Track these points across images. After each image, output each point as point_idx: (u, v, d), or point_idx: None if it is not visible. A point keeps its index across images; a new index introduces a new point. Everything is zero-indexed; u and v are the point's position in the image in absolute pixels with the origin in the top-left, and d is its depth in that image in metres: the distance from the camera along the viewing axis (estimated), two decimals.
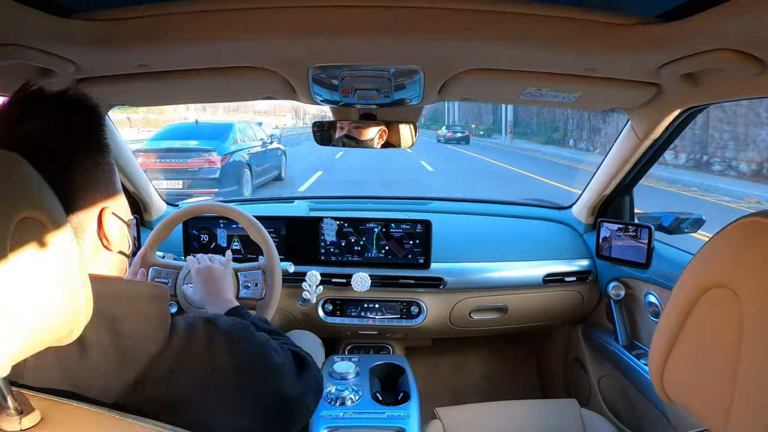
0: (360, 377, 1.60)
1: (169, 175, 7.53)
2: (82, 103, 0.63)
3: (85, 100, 0.64)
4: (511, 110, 26.35)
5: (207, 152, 7.64)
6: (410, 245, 1.79)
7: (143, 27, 0.93)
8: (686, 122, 1.43)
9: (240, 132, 8.66)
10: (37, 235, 0.49)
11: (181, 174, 7.57)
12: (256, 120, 18.73)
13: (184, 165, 7.61)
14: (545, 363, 2.36)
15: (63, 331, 0.53)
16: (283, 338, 0.91)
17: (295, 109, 26.22)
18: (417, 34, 0.94)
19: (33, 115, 0.59)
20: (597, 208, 1.90)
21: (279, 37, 0.96)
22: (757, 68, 0.89)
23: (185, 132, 8.55)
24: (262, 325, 0.95)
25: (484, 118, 35.68)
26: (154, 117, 25.79)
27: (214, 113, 20.78)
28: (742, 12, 0.75)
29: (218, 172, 7.59)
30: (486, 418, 1.48)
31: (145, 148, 8.07)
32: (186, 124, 8.79)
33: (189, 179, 7.53)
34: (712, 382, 0.49)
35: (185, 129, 8.71)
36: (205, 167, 7.60)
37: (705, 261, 0.51)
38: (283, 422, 0.74)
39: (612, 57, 1.01)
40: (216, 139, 8.04)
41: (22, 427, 0.51)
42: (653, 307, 1.62)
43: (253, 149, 8.88)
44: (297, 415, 0.77)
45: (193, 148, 7.76)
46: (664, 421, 1.46)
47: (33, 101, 0.60)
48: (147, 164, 7.22)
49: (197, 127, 8.73)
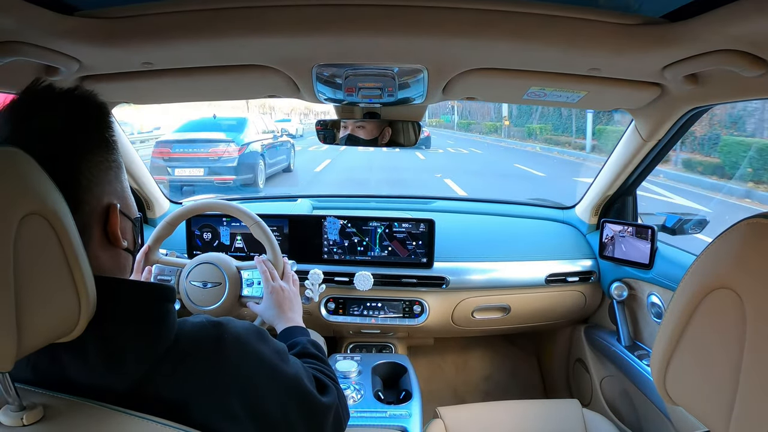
0: (362, 376, 1.61)
1: (191, 163, 8.35)
2: (90, 100, 0.63)
3: (94, 97, 0.64)
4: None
5: (226, 143, 8.41)
6: (413, 244, 1.79)
7: (147, 25, 0.93)
8: (690, 123, 1.43)
9: (253, 125, 9.50)
10: (42, 232, 0.50)
11: (202, 162, 8.37)
12: (284, 117, 19.65)
13: (205, 154, 8.38)
14: (547, 363, 2.35)
15: (67, 327, 0.53)
16: (319, 364, 0.91)
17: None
18: (421, 33, 0.94)
19: (42, 112, 0.59)
20: (600, 209, 1.90)
21: (283, 35, 0.96)
22: (761, 69, 0.89)
23: (205, 125, 9.24)
24: (310, 349, 0.96)
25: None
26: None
27: (240, 109, 22.31)
28: (747, 13, 0.75)
29: (236, 161, 8.38)
30: (488, 417, 1.48)
31: (168, 140, 8.84)
32: (205, 119, 9.63)
33: (209, 167, 8.36)
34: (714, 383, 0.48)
35: (205, 123, 9.46)
36: (224, 156, 8.37)
37: (708, 262, 0.51)
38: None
39: (616, 57, 1.01)
40: (233, 131, 8.80)
41: (25, 423, 0.52)
42: (656, 308, 1.62)
43: (265, 141, 9.69)
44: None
45: (213, 139, 8.53)
46: (666, 422, 1.46)
47: (43, 98, 0.60)
48: (171, 154, 8.32)
49: (215, 121, 9.48)
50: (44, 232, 0.50)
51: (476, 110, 31.51)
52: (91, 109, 0.63)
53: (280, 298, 1.21)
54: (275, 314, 1.18)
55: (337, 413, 0.82)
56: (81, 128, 0.61)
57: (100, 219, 0.64)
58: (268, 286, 1.24)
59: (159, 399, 0.59)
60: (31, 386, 0.57)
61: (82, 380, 0.58)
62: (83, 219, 0.60)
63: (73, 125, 0.60)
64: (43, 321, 0.50)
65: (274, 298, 1.21)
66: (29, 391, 0.56)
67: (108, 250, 0.65)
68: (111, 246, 0.65)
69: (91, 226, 0.62)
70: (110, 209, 0.64)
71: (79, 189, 0.59)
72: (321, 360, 0.94)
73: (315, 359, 0.93)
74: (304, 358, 0.91)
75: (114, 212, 0.65)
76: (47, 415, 0.54)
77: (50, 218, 0.50)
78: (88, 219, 0.62)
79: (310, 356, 0.94)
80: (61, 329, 0.53)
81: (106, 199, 0.64)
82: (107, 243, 0.65)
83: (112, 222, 0.64)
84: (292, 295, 1.24)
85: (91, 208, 0.62)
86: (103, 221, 0.64)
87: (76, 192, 0.58)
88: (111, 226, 0.64)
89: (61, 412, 0.54)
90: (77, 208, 0.57)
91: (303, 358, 0.91)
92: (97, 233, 0.64)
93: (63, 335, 0.53)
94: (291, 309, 1.19)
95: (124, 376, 0.58)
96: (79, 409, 0.55)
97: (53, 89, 0.60)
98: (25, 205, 0.48)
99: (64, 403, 0.56)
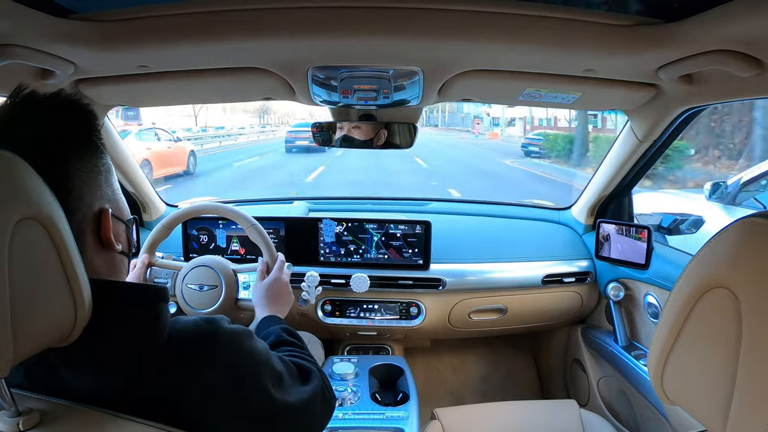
0: (359, 378, 1.60)
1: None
2: (75, 104, 0.63)
3: (78, 101, 0.63)
4: None
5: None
6: (409, 246, 1.79)
7: (142, 28, 0.93)
8: (685, 123, 1.43)
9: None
10: (37, 237, 0.49)
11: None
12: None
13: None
14: (544, 364, 2.35)
15: (63, 332, 0.53)
16: (297, 350, 0.91)
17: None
18: (416, 35, 0.94)
19: (26, 120, 0.58)
20: (596, 209, 1.90)
21: (278, 38, 0.96)
22: (756, 69, 0.89)
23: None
24: (284, 337, 0.96)
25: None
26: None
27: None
28: (741, 13, 0.75)
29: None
30: (485, 418, 1.48)
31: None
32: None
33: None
34: (711, 382, 0.49)
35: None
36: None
37: (704, 262, 0.51)
38: (283, 430, 0.73)
39: (611, 58, 1.01)
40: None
41: (21, 428, 0.51)
42: (652, 307, 1.62)
43: None
44: (299, 424, 0.75)
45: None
46: (663, 422, 1.46)
47: (25, 105, 0.59)
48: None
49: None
50: (39, 237, 0.50)
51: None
52: (75, 113, 0.62)
53: (267, 286, 1.22)
54: (258, 301, 1.19)
55: (324, 396, 0.83)
56: (68, 134, 0.61)
57: (93, 225, 0.63)
58: (260, 276, 1.26)
59: (153, 399, 0.59)
60: (25, 391, 0.57)
61: (76, 384, 0.58)
62: (77, 226, 0.59)
63: (60, 132, 0.60)
64: (39, 326, 0.50)
65: (261, 286, 1.22)
66: (25, 397, 0.56)
67: (102, 254, 0.65)
68: (105, 250, 0.65)
69: (85, 232, 0.62)
70: (102, 214, 0.64)
71: (69, 194, 0.59)
72: (296, 345, 0.94)
73: (291, 346, 0.93)
74: (280, 347, 0.91)
75: (106, 217, 0.64)
76: (43, 420, 0.53)
77: (45, 223, 0.50)
78: (82, 225, 0.61)
79: (286, 344, 0.94)
80: (57, 334, 0.52)
81: (97, 205, 0.64)
82: (101, 247, 0.65)
83: (104, 227, 0.64)
84: (280, 286, 1.24)
85: (83, 215, 0.62)
86: (96, 227, 0.64)
87: (66, 200, 0.57)
88: (104, 231, 0.64)
89: (57, 417, 0.54)
90: (70, 215, 0.56)
91: (279, 347, 0.91)
92: (91, 239, 0.63)
93: (59, 340, 0.53)
94: (274, 299, 1.19)
95: (117, 377, 0.58)
96: (75, 413, 0.55)
97: (36, 96, 0.60)
98: (19, 209, 0.48)
99: (60, 407, 0.55)
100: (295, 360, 0.84)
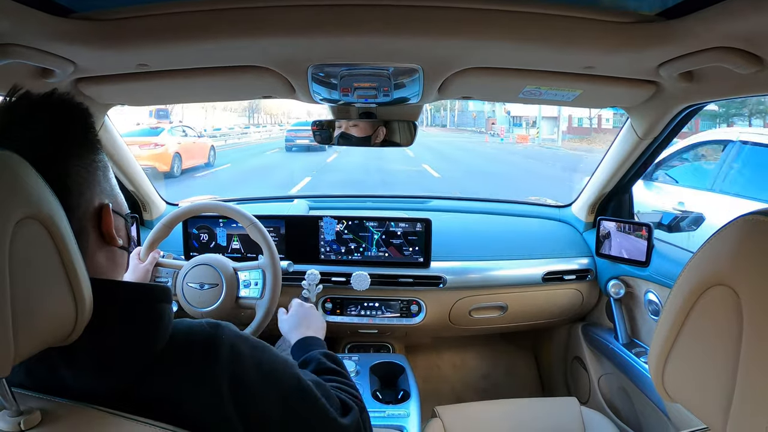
0: (360, 376, 1.61)
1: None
2: (68, 103, 0.62)
3: (71, 100, 0.63)
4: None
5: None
6: (410, 244, 1.79)
7: (142, 26, 0.93)
8: (686, 120, 1.43)
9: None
10: (37, 236, 0.49)
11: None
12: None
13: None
14: (545, 361, 2.36)
15: (64, 331, 0.53)
16: (338, 379, 0.88)
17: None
18: (416, 33, 0.94)
19: (21, 121, 0.58)
20: (597, 206, 1.90)
21: (278, 36, 0.96)
22: (756, 66, 0.89)
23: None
24: (326, 364, 0.93)
25: None
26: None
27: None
28: (742, 10, 0.75)
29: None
30: (486, 416, 1.49)
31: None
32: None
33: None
34: (711, 379, 0.48)
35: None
36: None
37: (705, 259, 0.51)
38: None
39: (611, 55, 1.01)
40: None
41: (23, 428, 0.51)
42: (653, 305, 1.62)
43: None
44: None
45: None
46: (663, 419, 1.47)
47: (20, 107, 0.59)
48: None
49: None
50: (40, 237, 0.50)
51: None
52: (72, 112, 0.63)
53: (294, 314, 1.22)
54: (290, 330, 1.19)
55: (358, 422, 0.79)
56: (65, 132, 0.61)
57: (94, 220, 0.64)
58: (284, 312, 1.26)
59: (154, 398, 0.59)
60: (26, 390, 0.57)
61: (77, 383, 0.58)
62: (78, 222, 0.60)
63: (58, 130, 0.60)
64: (40, 326, 0.50)
65: (287, 318, 1.22)
66: (26, 396, 0.56)
67: (104, 249, 0.65)
68: (107, 245, 0.66)
69: (87, 228, 0.62)
70: (103, 209, 0.64)
71: (68, 192, 0.59)
72: (339, 374, 0.92)
73: (333, 374, 0.91)
74: (323, 375, 0.88)
75: (107, 212, 0.64)
76: (45, 419, 0.53)
77: (46, 222, 0.50)
78: (83, 222, 0.62)
79: (327, 371, 0.91)
80: (58, 334, 0.52)
81: (97, 200, 0.64)
82: (103, 243, 0.65)
83: (106, 222, 0.64)
84: (305, 311, 1.24)
85: (84, 211, 0.62)
86: (97, 222, 0.64)
87: (67, 197, 0.58)
88: (105, 225, 0.64)
89: (59, 416, 0.54)
90: (71, 212, 0.57)
91: (321, 375, 0.87)
92: (93, 234, 0.64)
93: (60, 340, 0.53)
94: (305, 324, 1.19)
95: (119, 377, 0.58)
96: (77, 412, 0.55)
97: (29, 97, 0.60)
98: (20, 209, 0.48)
99: (61, 407, 0.55)
100: (337, 393, 0.81)
